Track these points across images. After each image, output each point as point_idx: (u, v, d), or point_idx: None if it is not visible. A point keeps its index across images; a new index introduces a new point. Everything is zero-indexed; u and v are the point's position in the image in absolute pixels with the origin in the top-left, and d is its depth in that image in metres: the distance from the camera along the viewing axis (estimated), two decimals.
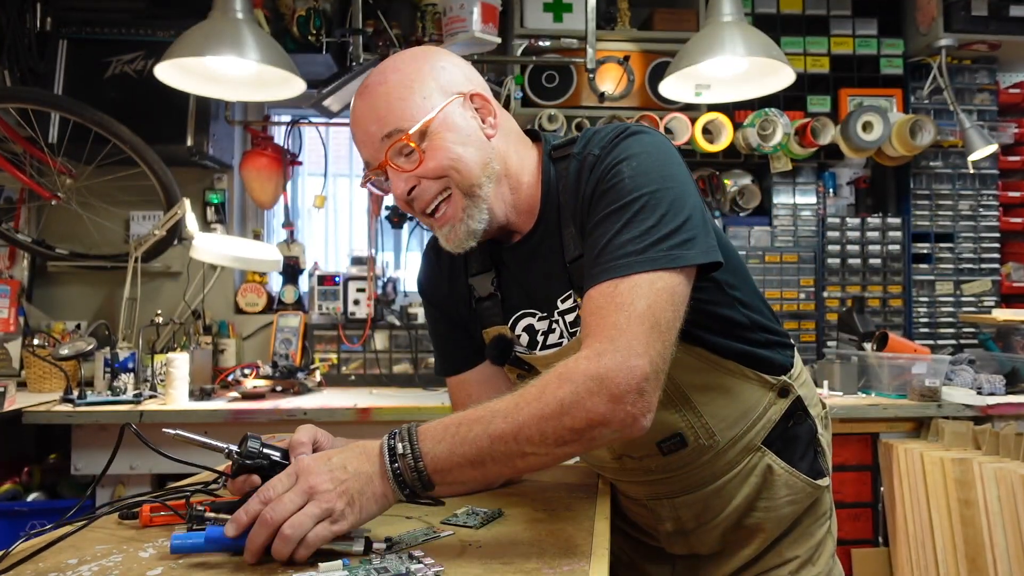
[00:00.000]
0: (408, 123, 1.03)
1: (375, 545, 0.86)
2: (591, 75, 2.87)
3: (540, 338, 1.17)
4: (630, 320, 0.91)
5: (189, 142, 2.91)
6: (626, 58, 2.96)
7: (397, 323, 3.12)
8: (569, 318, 1.13)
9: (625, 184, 1.00)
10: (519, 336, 1.18)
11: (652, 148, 1.04)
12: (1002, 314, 2.94)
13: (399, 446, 0.88)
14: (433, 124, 1.04)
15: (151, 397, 2.50)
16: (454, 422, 0.89)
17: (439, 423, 0.90)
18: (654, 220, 0.97)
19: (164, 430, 0.96)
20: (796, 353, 1.26)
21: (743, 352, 1.16)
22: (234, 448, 0.97)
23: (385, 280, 3.20)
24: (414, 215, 1.11)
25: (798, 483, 1.21)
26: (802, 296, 3.11)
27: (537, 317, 1.17)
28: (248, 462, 0.97)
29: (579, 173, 1.07)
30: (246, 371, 2.86)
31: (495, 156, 1.08)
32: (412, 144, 1.03)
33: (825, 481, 1.25)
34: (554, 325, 1.16)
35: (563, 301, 1.13)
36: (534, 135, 1.18)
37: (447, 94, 1.06)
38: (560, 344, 1.15)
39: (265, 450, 0.98)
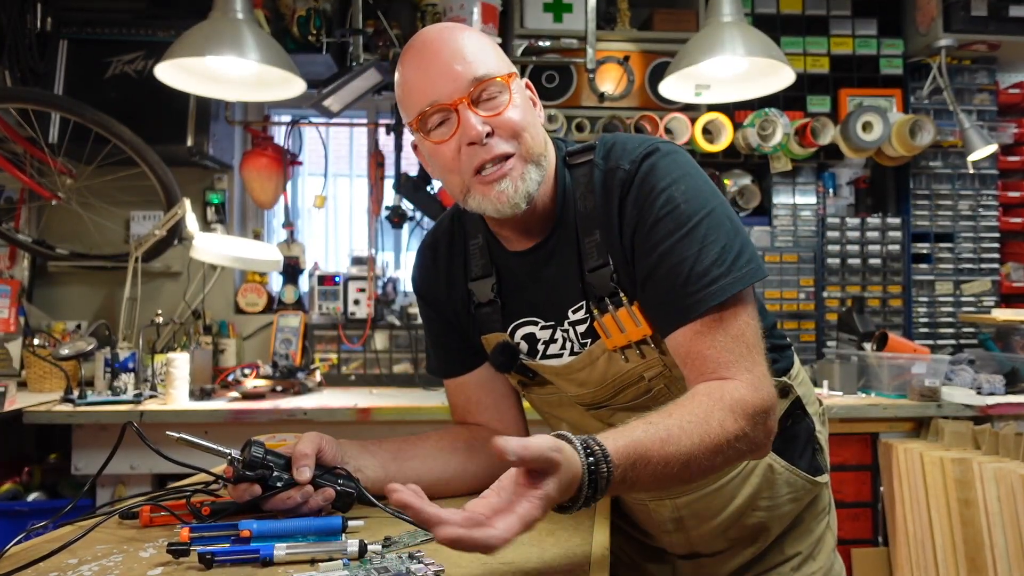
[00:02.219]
0: (497, 72, 1.03)
1: (370, 547, 0.86)
2: (591, 75, 2.87)
3: (540, 347, 1.15)
4: (750, 350, 0.99)
5: (189, 142, 2.91)
6: (626, 58, 2.96)
7: (397, 323, 3.12)
8: (580, 329, 1.12)
9: (682, 209, 1.01)
10: (517, 344, 1.17)
11: (691, 168, 1.06)
12: (1002, 314, 2.94)
13: (589, 492, 0.78)
14: (514, 84, 1.05)
15: (151, 397, 2.50)
16: (642, 459, 0.83)
17: (628, 458, 0.81)
18: (725, 239, 1.00)
19: (168, 433, 0.96)
20: (794, 353, 1.26)
21: None
22: (236, 455, 0.97)
23: (385, 280, 3.20)
24: (464, 170, 1.03)
25: (799, 481, 1.21)
26: (802, 296, 3.11)
27: (539, 326, 1.15)
28: (249, 473, 0.96)
29: (606, 184, 1.07)
30: (246, 371, 2.86)
31: (546, 140, 1.10)
32: (507, 83, 1.03)
33: (824, 478, 1.25)
34: (558, 335, 1.14)
35: (574, 312, 1.12)
36: None
37: (512, 67, 1.08)
38: (561, 356, 1.14)
39: (268, 458, 0.97)
